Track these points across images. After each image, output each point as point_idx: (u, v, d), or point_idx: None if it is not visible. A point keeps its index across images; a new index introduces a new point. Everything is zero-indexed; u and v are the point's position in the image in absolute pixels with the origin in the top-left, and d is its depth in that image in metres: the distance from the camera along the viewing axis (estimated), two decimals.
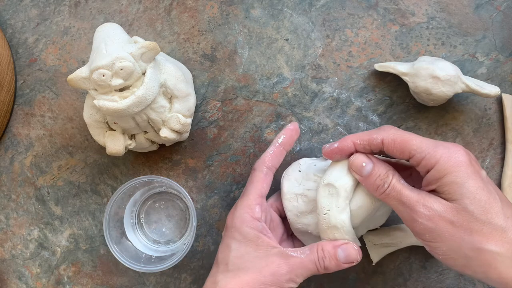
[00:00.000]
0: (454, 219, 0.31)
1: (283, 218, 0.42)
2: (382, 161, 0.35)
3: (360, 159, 0.35)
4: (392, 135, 0.34)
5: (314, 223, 0.38)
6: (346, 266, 0.36)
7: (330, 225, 0.36)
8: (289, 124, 0.41)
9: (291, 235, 0.42)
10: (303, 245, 0.41)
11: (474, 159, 0.33)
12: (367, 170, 0.34)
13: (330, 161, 0.39)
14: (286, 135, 0.41)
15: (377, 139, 0.34)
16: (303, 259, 0.35)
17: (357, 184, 0.36)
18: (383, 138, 0.34)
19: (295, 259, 0.35)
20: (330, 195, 0.36)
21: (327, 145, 0.37)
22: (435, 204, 0.32)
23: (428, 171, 0.33)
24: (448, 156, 0.32)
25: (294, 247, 0.41)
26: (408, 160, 0.34)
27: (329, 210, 0.36)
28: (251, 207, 0.37)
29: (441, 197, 0.32)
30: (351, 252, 0.35)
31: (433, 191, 0.33)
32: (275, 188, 0.43)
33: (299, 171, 0.40)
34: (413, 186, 0.34)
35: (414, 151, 0.33)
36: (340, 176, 0.36)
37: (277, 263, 0.35)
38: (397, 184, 0.33)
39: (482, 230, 0.30)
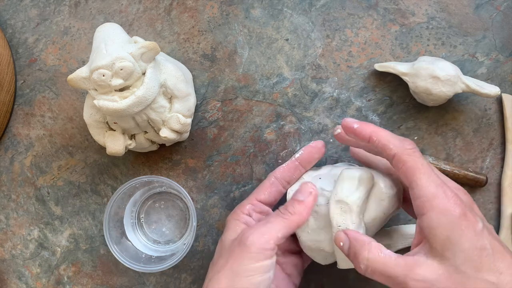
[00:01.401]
0: (449, 283, 0.30)
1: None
2: (360, 235, 0.33)
3: (338, 239, 0.34)
4: (407, 157, 0.32)
5: (327, 240, 0.37)
6: (308, 202, 0.36)
7: None
8: (313, 141, 0.41)
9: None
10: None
11: (470, 209, 0.31)
12: (346, 248, 0.33)
13: (334, 171, 0.39)
14: (305, 152, 0.40)
15: (392, 151, 0.33)
16: (269, 218, 0.35)
17: (369, 195, 0.36)
18: (397, 154, 0.33)
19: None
20: (343, 212, 0.35)
21: (349, 120, 0.35)
22: (426, 273, 0.30)
23: (421, 214, 0.32)
24: (442, 207, 0.31)
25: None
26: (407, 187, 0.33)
27: (342, 226, 0.35)
28: (243, 205, 0.39)
29: (435, 253, 0.31)
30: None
31: (425, 246, 0.32)
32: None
33: None
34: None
35: (416, 186, 0.32)
36: (351, 191, 0.35)
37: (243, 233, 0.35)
38: (377, 259, 0.32)
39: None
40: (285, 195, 0.40)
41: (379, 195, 0.36)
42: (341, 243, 0.34)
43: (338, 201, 0.35)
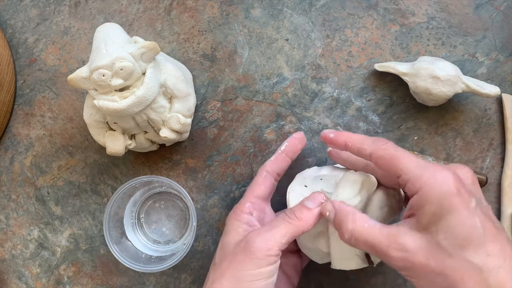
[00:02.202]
0: (427, 257, 0.29)
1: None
2: (345, 206, 0.34)
3: (325, 209, 0.34)
4: (382, 152, 0.32)
5: (325, 240, 0.37)
6: (316, 211, 0.35)
7: (340, 245, 0.35)
8: (294, 133, 0.42)
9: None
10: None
11: (464, 186, 0.30)
12: (331, 217, 0.34)
13: (336, 173, 0.39)
14: (289, 143, 0.41)
15: (366, 151, 0.34)
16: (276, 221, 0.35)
17: (370, 202, 0.36)
18: (372, 152, 0.33)
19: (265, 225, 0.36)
20: None
21: (326, 131, 0.37)
22: (407, 241, 0.30)
23: (411, 195, 0.31)
24: (432, 183, 0.30)
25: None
26: (396, 182, 0.33)
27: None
28: (241, 203, 0.39)
29: (419, 227, 0.30)
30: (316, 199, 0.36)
31: (412, 220, 0.31)
32: (282, 203, 0.43)
33: (305, 186, 0.39)
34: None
35: (400, 171, 0.31)
36: (352, 195, 0.35)
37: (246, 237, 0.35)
38: (360, 230, 0.32)
39: (456, 269, 0.28)
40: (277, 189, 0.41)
41: (380, 202, 0.36)
42: (327, 213, 0.34)
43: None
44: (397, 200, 0.37)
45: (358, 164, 0.38)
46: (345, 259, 0.36)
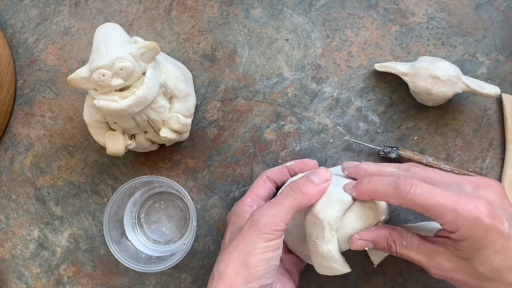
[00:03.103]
0: (465, 275, 0.32)
1: None
2: (382, 229, 0.36)
3: (360, 243, 0.36)
4: (411, 202, 0.33)
5: (306, 246, 0.38)
6: (322, 187, 0.36)
7: (318, 253, 0.36)
8: (306, 159, 0.43)
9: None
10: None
11: (495, 211, 0.31)
12: (370, 247, 0.36)
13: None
14: (296, 164, 0.43)
15: (395, 203, 0.34)
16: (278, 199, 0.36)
17: (346, 212, 0.36)
18: (401, 203, 0.33)
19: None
20: (316, 226, 0.36)
21: (347, 164, 0.39)
22: (445, 262, 0.33)
23: (452, 232, 0.33)
24: (468, 220, 0.31)
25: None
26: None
27: (316, 239, 0.36)
28: (242, 199, 0.41)
29: (457, 253, 0.33)
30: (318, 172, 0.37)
31: (448, 241, 0.33)
32: None
33: None
34: None
35: (436, 216, 0.32)
36: (324, 208, 0.35)
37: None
38: (400, 248, 0.35)
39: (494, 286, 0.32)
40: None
41: (358, 213, 0.36)
42: (366, 248, 0.36)
43: (312, 215, 0.36)
44: (373, 210, 0.37)
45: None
46: (324, 267, 0.37)
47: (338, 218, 0.36)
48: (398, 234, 0.35)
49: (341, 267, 0.37)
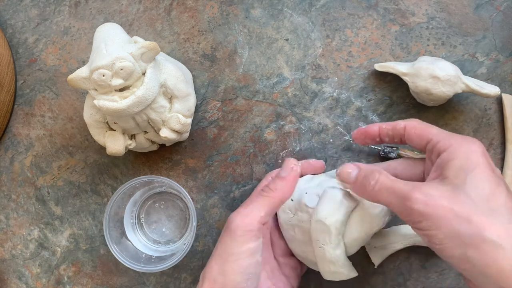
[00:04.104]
0: (453, 204, 0.29)
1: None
2: (370, 165, 0.36)
3: (346, 167, 0.35)
4: (415, 122, 0.35)
5: (311, 252, 0.38)
6: (290, 177, 0.36)
7: (326, 259, 0.36)
8: (313, 160, 0.43)
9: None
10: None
11: (488, 155, 0.32)
12: (353, 175, 0.34)
13: (326, 184, 0.39)
14: (302, 164, 0.41)
15: (400, 125, 0.36)
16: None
17: (350, 216, 0.36)
18: (406, 124, 0.35)
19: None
20: (322, 231, 0.36)
21: (356, 130, 0.39)
22: (432, 189, 0.30)
23: (439, 155, 0.32)
24: (461, 142, 0.31)
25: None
26: (425, 150, 0.34)
27: (323, 244, 0.36)
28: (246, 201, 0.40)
29: (444, 183, 0.30)
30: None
31: (438, 179, 0.32)
32: None
33: (292, 200, 0.39)
34: None
35: (432, 136, 0.33)
36: (330, 213, 0.35)
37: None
38: (385, 179, 0.32)
39: (483, 219, 0.28)
40: None
41: (362, 216, 0.36)
42: (350, 170, 0.35)
43: (318, 221, 0.36)
44: (378, 211, 0.37)
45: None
46: (332, 272, 0.37)
47: (344, 222, 0.36)
48: (387, 172, 0.34)
49: (349, 272, 0.37)
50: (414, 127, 0.35)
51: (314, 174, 0.42)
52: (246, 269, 0.33)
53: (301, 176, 0.41)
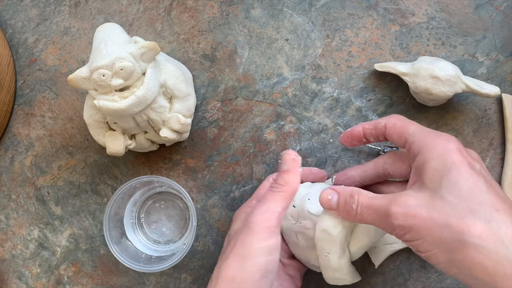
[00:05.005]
0: (431, 212, 0.28)
1: None
2: (347, 187, 0.35)
3: (325, 194, 0.35)
4: (394, 119, 0.35)
5: (315, 258, 0.38)
6: (294, 168, 0.37)
7: (330, 267, 0.36)
8: (315, 168, 0.43)
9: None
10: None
11: (466, 151, 0.31)
12: (334, 201, 0.34)
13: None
14: (303, 171, 0.42)
15: (381, 123, 0.36)
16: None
17: (355, 224, 0.36)
18: (386, 122, 0.35)
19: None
20: (328, 241, 0.35)
21: (342, 133, 0.39)
22: (408, 200, 0.30)
23: (415, 158, 0.32)
24: (435, 143, 0.31)
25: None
26: (404, 147, 0.34)
27: (329, 253, 0.36)
28: (247, 201, 0.41)
29: (421, 189, 0.30)
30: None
31: (416, 184, 0.31)
32: None
33: (294, 206, 0.39)
34: None
35: (408, 135, 0.33)
36: (335, 223, 0.35)
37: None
38: (365, 200, 0.32)
39: (462, 221, 0.27)
40: None
41: (366, 225, 0.36)
42: (329, 197, 0.35)
43: (323, 231, 0.36)
44: None
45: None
46: (336, 279, 0.37)
47: (350, 231, 0.36)
48: (364, 191, 0.34)
49: (353, 278, 0.37)
50: (394, 125, 0.35)
51: (313, 182, 0.42)
52: (266, 266, 0.33)
53: (301, 182, 0.41)
